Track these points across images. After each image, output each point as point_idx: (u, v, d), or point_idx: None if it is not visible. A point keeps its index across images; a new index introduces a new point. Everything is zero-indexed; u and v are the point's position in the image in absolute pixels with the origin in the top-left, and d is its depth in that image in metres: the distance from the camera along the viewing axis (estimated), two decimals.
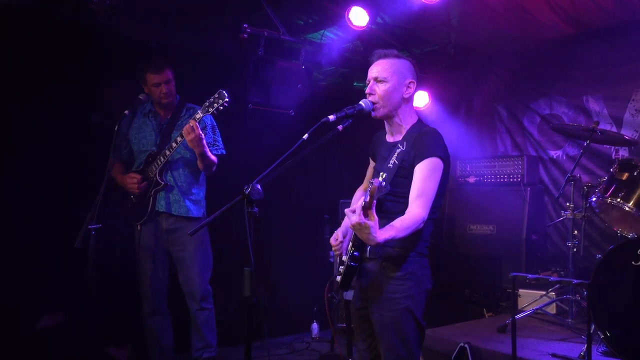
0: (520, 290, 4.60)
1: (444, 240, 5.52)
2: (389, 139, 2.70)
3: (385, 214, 2.45)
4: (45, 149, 4.02)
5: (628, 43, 4.65)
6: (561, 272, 4.70)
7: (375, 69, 2.60)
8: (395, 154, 2.57)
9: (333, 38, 4.93)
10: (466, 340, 3.66)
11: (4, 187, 3.85)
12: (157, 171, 3.72)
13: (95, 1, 3.85)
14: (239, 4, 4.38)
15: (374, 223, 2.16)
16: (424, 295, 2.56)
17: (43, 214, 3.99)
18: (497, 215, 5.16)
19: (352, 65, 5.19)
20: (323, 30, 4.83)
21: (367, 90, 2.61)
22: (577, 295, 4.19)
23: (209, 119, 3.82)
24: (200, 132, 3.50)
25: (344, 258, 2.59)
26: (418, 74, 2.69)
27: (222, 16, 4.35)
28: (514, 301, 3.59)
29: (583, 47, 4.94)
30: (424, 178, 2.44)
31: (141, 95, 3.65)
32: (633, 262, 3.29)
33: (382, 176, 2.41)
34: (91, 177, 3.63)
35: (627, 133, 4.63)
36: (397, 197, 2.52)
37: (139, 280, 3.86)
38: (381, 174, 2.44)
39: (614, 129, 4.77)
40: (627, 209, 3.68)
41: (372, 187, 2.12)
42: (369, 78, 2.62)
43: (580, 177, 4.28)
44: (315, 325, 5.20)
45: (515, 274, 3.47)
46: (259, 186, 2.37)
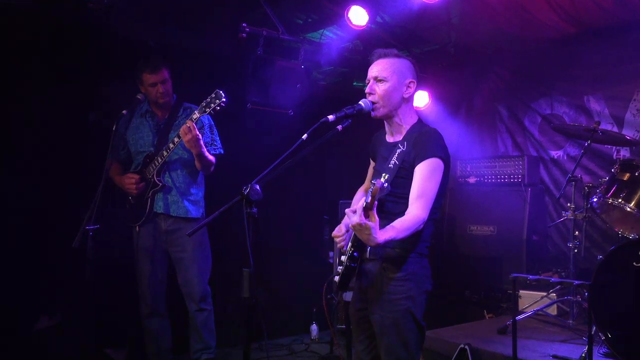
0: (521, 291, 4.59)
1: (444, 241, 5.52)
2: (389, 139, 2.68)
3: (385, 215, 2.44)
4: (43, 148, 4.01)
5: (629, 42, 4.64)
6: (562, 273, 4.69)
7: (375, 69, 2.59)
8: (396, 154, 2.55)
9: (332, 37, 4.91)
10: (466, 341, 3.64)
11: (3, 187, 3.83)
12: (155, 172, 3.70)
13: (93, 0, 3.83)
14: (238, 3, 4.37)
15: (374, 224, 2.14)
16: (424, 296, 2.55)
17: (41, 214, 3.98)
18: (498, 215, 5.16)
19: (352, 65, 5.18)
20: (322, 30, 4.81)
21: (367, 90, 2.60)
22: (578, 296, 4.18)
23: (206, 119, 3.80)
24: (198, 133, 3.48)
25: (343, 258, 2.57)
26: (418, 73, 2.68)
27: (221, 15, 4.34)
28: (514, 302, 3.59)
29: (584, 47, 4.93)
30: (425, 179, 2.43)
31: (139, 95, 3.63)
32: (634, 263, 3.28)
33: (384, 177, 2.39)
34: (90, 177, 3.62)
35: (629, 133, 4.62)
36: (398, 198, 2.51)
37: (137, 282, 3.84)
38: (383, 174, 2.43)
39: (615, 129, 4.75)
40: (629, 209, 3.68)
41: (374, 188, 2.10)
42: (368, 77, 2.60)
43: (581, 178, 4.27)
44: (314, 327, 5.18)
45: (515, 274, 3.47)
46: (257, 187, 2.36)
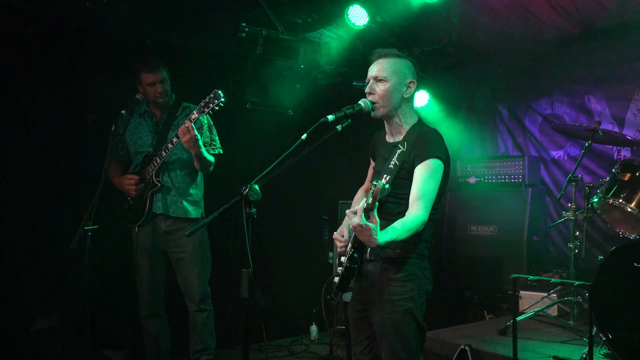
0: (522, 292, 4.58)
1: (444, 242, 5.50)
2: (389, 139, 2.68)
3: (385, 215, 2.43)
4: (40, 149, 4.00)
5: (630, 42, 4.62)
6: (563, 274, 4.67)
7: (375, 68, 2.58)
8: (396, 154, 2.55)
9: (332, 37, 4.89)
10: (467, 342, 3.63)
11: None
12: (154, 172, 3.69)
13: (91, 0, 3.81)
14: (237, 3, 4.35)
15: (375, 225, 2.14)
16: (425, 297, 2.55)
17: (39, 215, 3.97)
18: (498, 216, 5.14)
19: (352, 65, 5.17)
20: (322, 29, 4.80)
21: (367, 90, 2.59)
22: (579, 297, 4.16)
23: (205, 119, 3.78)
24: (196, 133, 3.47)
25: (343, 259, 2.56)
26: (418, 73, 2.67)
27: (220, 15, 4.32)
28: (514, 303, 3.57)
29: (585, 47, 4.91)
30: (425, 180, 2.42)
31: (138, 95, 3.62)
32: (635, 264, 3.27)
33: (386, 178, 2.39)
34: (88, 178, 3.60)
35: (629, 133, 4.61)
36: (398, 199, 2.50)
37: (136, 283, 3.83)
38: (384, 176, 2.42)
39: (616, 129, 4.74)
40: (629, 209, 3.66)
41: (375, 190, 2.09)
42: (368, 77, 2.60)
43: (581, 178, 4.25)
44: (314, 328, 5.16)
45: (516, 275, 3.46)
46: (257, 187, 2.35)
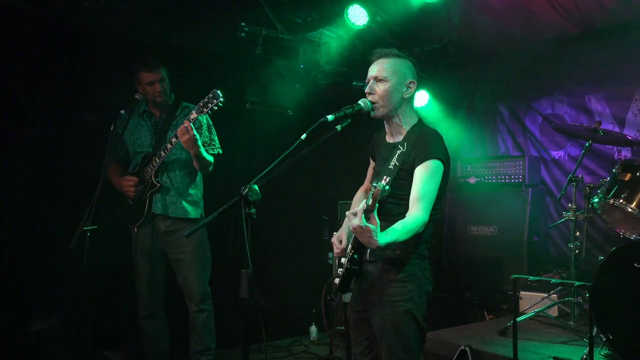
0: (522, 292, 4.58)
1: (444, 242, 5.49)
2: (389, 139, 2.67)
3: (385, 216, 2.42)
4: (40, 149, 3.98)
5: (630, 42, 4.62)
6: (563, 274, 4.67)
7: (375, 68, 2.57)
8: (396, 155, 2.54)
9: (332, 37, 4.88)
10: (467, 343, 3.63)
11: None
12: (153, 173, 3.67)
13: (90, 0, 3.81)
14: (237, 2, 4.34)
15: (375, 227, 2.14)
16: (425, 298, 2.54)
17: (39, 215, 3.96)
18: (498, 216, 5.14)
19: (352, 65, 5.16)
20: (322, 29, 4.79)
21: (367, 90, 2.59)
22: (579, 297, 4.16)
23: (204, 119, 3.77)
24: (195, 133, 3.45)
25: (343, 260, 2.56)
26: (419, 73, 2.66)
27: (219, 14, 4.31)
28: (515, 303, 3.56)
29: (585, 47, 4.91)
30: (425, 181, 2.42)
31: (137, 95, 3.61)
32: (636, 264, 3.26)
33: (385, 179, 2.38)
34: (88, 178, 3.59)
35: (630, 133, 4.60)
36: (398, 199, 2.50)
37: (135, 283, 3.81)
38: (384, 177, 2.41)
39: (617, 129, 4.73)
40: (630, 210, 3.65)
41: (375, 191, 2.09)
42: (368, 77, 2.59)
43: (582, 178, 4.24)
44: (313, 328, 5.14)
45: (516, 275, 3.46)
46: (256, 187, 2.35)
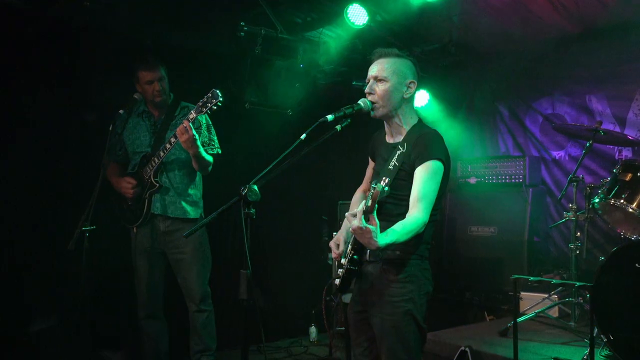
0: (522, 293, 4.58)
1: (444, 243, 5.49)
2: (389, 139, 2.66)
3: (385, 217, 2.42)
4: (40, 149, 3.98)
5: (631, 42, 4.62)
6: (564, 275, 4.67)
7: (375, 68, 2.57)
8: (396, 155, 2.53)
9: (332, 36, 4.88)
10: (467, 343, 3.63)
11: None
12: (152, 173, 3.66)
13: None
14: (237, 2, 4.33)
15: (375, 228, 2.13)
16: (425, 298, 2.53)
17: (39, 215, 3.95)
18: (499, 216, 5.14)
19: (351, 64, 5.15)
20: (321, 29, 4.78)
21: (367, 90, 2.58)
22: (580, 298, 4.16)
23: (204, 118, 3.76)
24: (194, 133, 3.44)
25: (343, 261, 2.56)
26: (419, 73, 2.65)
27: (219, 14, 4.30)
28: (515, 304, 3.57)
29: (586, 46, 4.90)
30: (425, 181, 2.41)
31: (136, 95, 3.60)
32: (637, 264, 3.26)
33: (384, 180, 2.36)
34: (87, 178, 3.58)
35: (631, 133, 4.60)
36: (398, 200, 2.49)
37: (134, 283, 3.80)
38: (383, 178, 2.40)
39: (617, 129, 4.73)
40: (631, 210, 3.65)
41: (374, 192, 2.08)
42: (368, 77, 2.59)
43: (582, 178, 4.24)
44: (313, 329, 5.14)
45: (516, 276, 3.45)
46: (256, 187, 2.34)
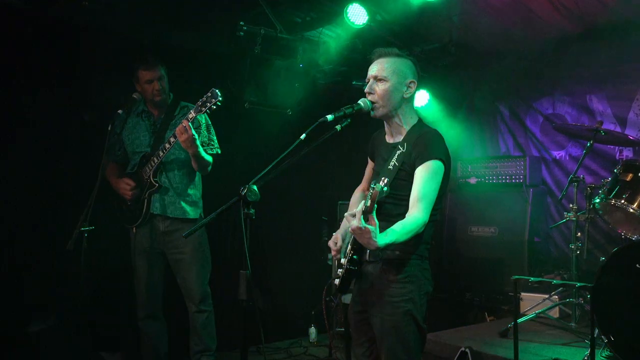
0: (523, 293, 4.58)
1: (444, 243, 5.48)
2: (389, 139, 2.65)
3: (384, 217, 2.41)
4: (40, 149, 3.97)
5: (631, 42, 4.62)
6: (564, 275, 4.67)
7: (375, 68, 2.56)
8: (396, 155, 2.52)
9: (331, 36, 4.87)
10: (467, 344, 3.63)
11: None
12: (151, 173, 3.65)
13: None
14: (236, 2, 4.33)
15: (374, 228, 2.12)
16: (425, 299, 2.53)
17: (39, 215, 3.94)
18: (499, 217, 5.13)
19: (351, 64, 5.15)
20: (321, 28, 4.78)
21: (366, 90, 2.57)
22: (581, 298, 4.15)
23: (203, 118, 3.75)
24: (193, 133, 3.43)
25: (343, 261, 2.55)
26: (419, 73, 2.64)
27: (219, 14, 4.30)
28: (516, 305, 3.57)
29: (586, 46, 4.90)
30: (425, 181, 2.40)
31: (135, 95, 3.60)
32: (637, 265, 3.26)
33: (384, 181, 2.35)
34: (87, 178, 3.57)
35: (631, 133, 4.60)
36: (397, 200, 2.48)
37: (133, 284, 3.79)
38: (382, 178, 2.39)
39: (618, 129, 4.73)
40: (632, 210, 3.64)
41: (374, 192, 2.08)
42: (368, 77, 2.58)
43: (583, 178, 4.24)
44: (312, 330, 5.13)
45: (517, 276, 3.46)
46: (255, 187, 2.33)
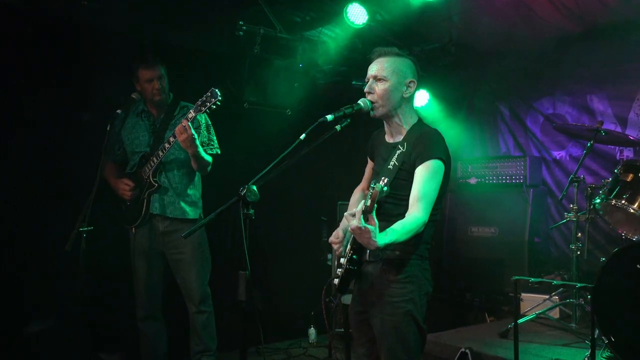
0: (523, 294, 4.57)
1: (444, 243, 5.48)
2: (389, 139, 2.65)
3: (384, 217, 2.40)
4: (40, 149, 3.97)
5: (632, 42, 4.62)
6: (564, 276, 4.66)
7: (375, 68, 2.56)
8: (395, 155, 2.52)
9: (331, 36, 4.86)
10: (467, 345, 3.63)
11: None
12: (151, 173, 3.65)
13: None
14: (236, 2, 4.32)
15: (374, 228, 2.12)
16: (425, 299, 2.53)
17: (39, 215, 3.94)
18: (499, 217, 5.13)
19: (351, 64, 5.14)
20: (321, 28, 4.77)
21: (366, 89, 2.57)
22: (581, 299, 4.15)
23: (203, 118, 3.75)
24: (193, 133, 3.43)
25: (342, 261, 2.54)
26: (419, 73, 2.63)
27: (218, 14, 4.29)
28: (516, 305, 3.56)
29: (586, 46, 4.90)
30: (425, 181, 2.40)
31: (134, 94, 3.60)
32: (638, 265, 3.25)
33: (384, 181, 2.35)
34: (87, 178, 3.56)
35: (632, 133, 4.59)
36: (397, 200, 2.48)
37: (132, 284, 3.78)
38: (382, 178, 2.38)
39: (619, 129, 4.73)
40: (632, 211, 3.64)
41: (373, 192, 2.07)
42: (368, 76, 2.58)
43: (584, 178, 4.23)
44: (312, 330, 5.12)
45: (517, 277, 3.45)
46: (255, 188, 2.33)
